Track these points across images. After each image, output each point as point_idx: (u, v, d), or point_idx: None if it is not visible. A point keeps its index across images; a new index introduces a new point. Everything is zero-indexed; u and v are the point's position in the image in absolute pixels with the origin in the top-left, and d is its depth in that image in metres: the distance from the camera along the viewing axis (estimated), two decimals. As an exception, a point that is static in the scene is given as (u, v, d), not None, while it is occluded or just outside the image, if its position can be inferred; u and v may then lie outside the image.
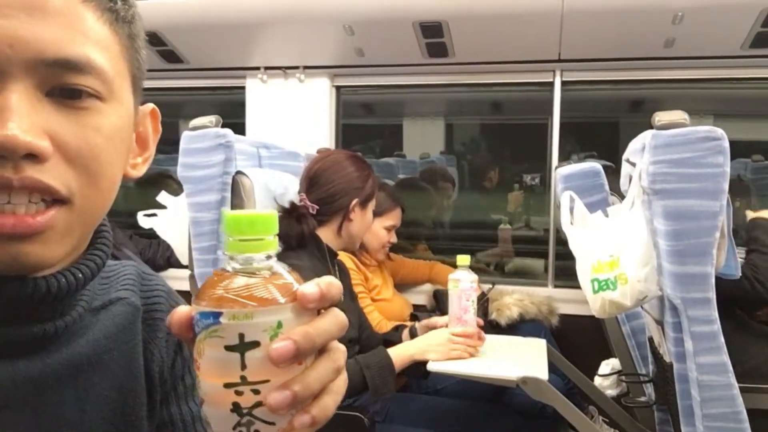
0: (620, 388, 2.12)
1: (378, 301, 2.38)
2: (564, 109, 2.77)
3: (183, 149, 1.84)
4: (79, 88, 0.48)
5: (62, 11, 0.47)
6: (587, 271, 1.64)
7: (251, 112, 2.99)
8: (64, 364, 0.53)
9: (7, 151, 0.43)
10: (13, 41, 0.44)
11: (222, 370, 0.40)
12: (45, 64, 0.46)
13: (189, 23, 2.58)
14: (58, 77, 0.47)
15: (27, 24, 0.45)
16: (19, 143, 0.43)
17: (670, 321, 1.54)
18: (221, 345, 0.40)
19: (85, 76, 0.48)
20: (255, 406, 0.40)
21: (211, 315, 0.40)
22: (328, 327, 0.43)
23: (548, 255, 2.83)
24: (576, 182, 2.05)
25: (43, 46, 0.45)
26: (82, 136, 0.48)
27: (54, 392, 0.52)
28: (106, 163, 0.51)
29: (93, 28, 0.49)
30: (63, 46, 0.46)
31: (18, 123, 0.44)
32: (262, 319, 0.40)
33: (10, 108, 0.44)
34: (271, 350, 0.39)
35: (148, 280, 0.68)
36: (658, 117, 1.50)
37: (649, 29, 2.39)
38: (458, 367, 1.72)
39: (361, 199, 1.90)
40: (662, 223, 1.48)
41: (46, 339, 0.52)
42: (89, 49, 0.48)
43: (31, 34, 0.45)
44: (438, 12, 2.40)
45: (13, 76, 0.45)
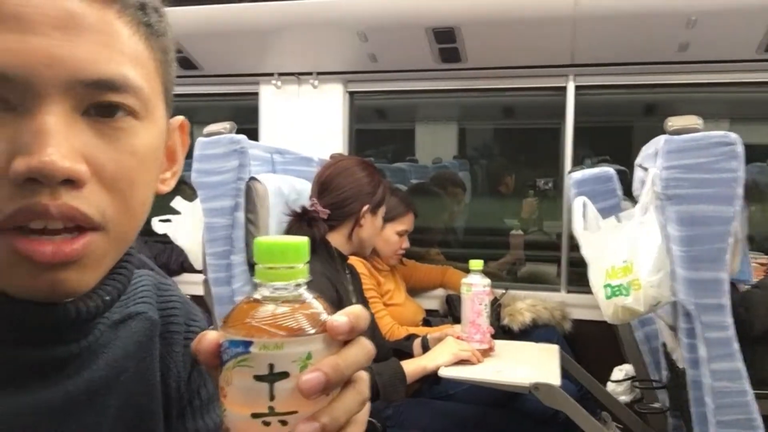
0: (633, 394, 2.11)
1: (390, 306, 2.38)
2: (577, 114, 2.77)
3: (197, 155, 1.86)
4: (116, 104, 0.47)
5: (98, 28, 0.45)
6: (600, 276, 1.64)
7: (265, 118, 3.01)
8: (83, 389, 0.52)
9: (45, 178, 0.42)
10: (50, 60, 0.43)
11: (250, 399, 0.39)
12: (82, 84, 0.44)
13: (204, 30, 2.60)
14: (95, 96, 0.45)
15: (63, 43, 0.43)
16: (58, 169, 0.42)
17: (683, 327, 1.53)
18: (250, 375, 0.39)
19: (122, 94, 0.47)
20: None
21: (241, 344, 0.40)
22: (356, 358, 0.42)
23: (561, 260, 2.82)
24: (589, 187, 2.04)
25: (80, 66, 0.44)
26: (117, 159, 0.47)
27: (73, 418, 0.52)
28: (140, 186, 0.50)
29: (128, 44, 0.48)
30: (100, 66, 0.45)
31: (56, 147, 0.42)
32: (292, 350, 0.40)
33: (47, 131, 0.42)
34: (302, 382, 0.39)
35: (164, 291, 0.66)
36: (671, 122, 1.49)
37: (662, 33, 2.38)
38: (470, 372, 1.73)
39: (372, 204, 1.91)
40: (675, 229, 1.48)
41: (69, 361, 0.52)
42: (126, 68, 0.47)
43: (69, 53, 0.43)
44: (450, 17, 2.41)
45: (50, 97, 0.43)
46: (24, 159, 0.42)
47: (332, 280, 1.81)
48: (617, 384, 2.13)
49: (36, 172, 0.41)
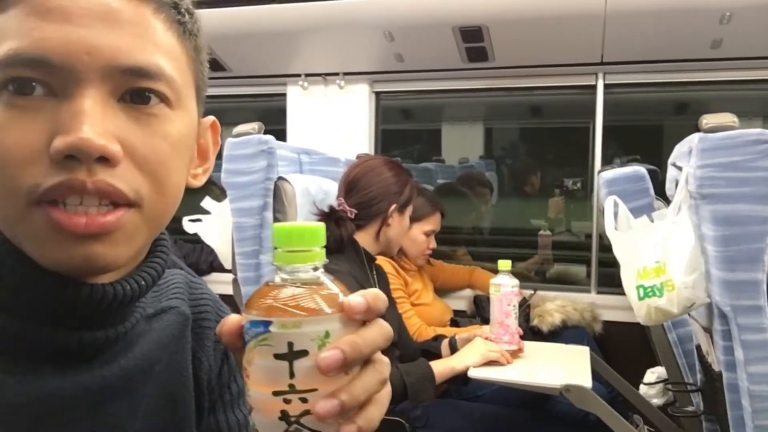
0: (666, 397, 2.08)
1: (418, 305, 2.38)
2: (606, 112, 2.73)
3: (227, 156, 1.87)
4: (149, 91, 0.49)
5: (135, 22, 0.49)
6: (632, 277, 1.61)
7: (292, 118, 3.03)
8: (120, 375, 0.54)
9: (82, 154, 0.45)
10: (90, 49, 0.46)
11: (271, 378, 0.41)
12: (119, 70, 0.48)
13: (232, 32, 2.62)
14: (131, 83, 0.48)
15: (103, 33, 0.47)
16: (94, 146, 0.45)
17: (719, 329, 1.50)
18: (270, 353, 0.41)
19: (155, 82, 0.50)
20: (303, 414, 0.41)
21: (261, 324, 0.41)
22: (374, 338, 0.43)
23: (591, 261, 2.78)
24: (620, 187, 2.01)
25: (117, 54, 0.47)
26: (150, 142, 0.50)
27: (110, 404, 0.53)
28: (172, 170, 0.52)
29: (163, 38, 0.51)
30: (136, 54, 0.48)
31: (92, 127, 0.45)
32: (310, 329, 0.41)
33: (84, 112, 0.45)
34: (320, 359, 0.40)
35: (196, 289, 0.69)
36: (706, 120, 1.46)
37: (695, 30, 2.34)
38: (499, 373, 1.71)
39: (399, 204, 1.91)
40: (710, 229, 1.45)
41: (107, 346, 0.53)
42: (159, 58, 0.50)
43: (107, 42, 0.47)
44: (478, 16, 2.39)
45: (89, 82, 0.46)
46: (62, 137, 0.45)
47: (359, 279, 1.81)
48: (649, 387, 2.09)
49: (74, 149, 0.44)
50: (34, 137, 0.45)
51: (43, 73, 0.46)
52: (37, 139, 0.45)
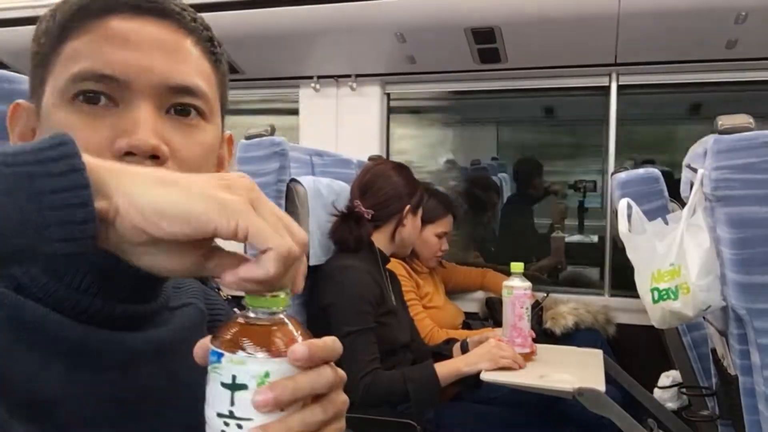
0: (681, 401, 2.06)
1: (430, 308, 2.37)
2: (620, 114, 2.71)
3: (239, 157, 1.88)
4: (190, 106, 0.61)
5: (181, 49, 0.61)
6: (647, 280, 1.59)
7: (304, 120, 3.04)
8: (152, 344, 0.62)
9: (139, 150, 0.55)
10: (146, 69, 0.58)
11: (216, 401, 0.46)
12: (168, 88, 0.59)
13: (244, 35, 2.63)
14: (176, 98, 0.60)
15: (156, 58, 0.58)
16: (148, 145, 0.55)
17: (734, 332, 1.48)
18: (219, 380, 0.46)
19: (195, 98, 0.61)
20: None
21: (216, 354, 0.47)
22: (310, 383, 0.47)
23: (604, 263, 2.76)
24: (633, 188, 1.99)
25: (168, 75, 0.59)
26: (189, 147, 0.60)
27: (142, 366, 0.60)
28: (204, 172, 0.61)
29: (200, 63, 0.63)
30: (183, 76, 0.60)
31: (146, 131, 0.56)
32: (252, 368, 0.45)
33: (141, 120, 0.57)
34: (254, 397, 0.45)
35: (210, 296, 0.78)
36: (721, 121, 1.45)
37: (709, 30, 2.32)
38: (512, 377, 1.70)
39: (412, 205, 1.99)
40: (726, 231, 1.43)
41: (139, 318, 0.61)
42: (198, 79, 0.61)
43: (160, 65, 0.59)
44: (490, 17, 2.39)
45: (144, 96, 0.58)
46: (124, 139, 0.56)
47: (375, 277, 1.87)
48: (664, 390, 2.07)
49: (133, 147, 0.55)
50: (99, 138, 0.56)
51: (108, 86, 0.57)
52: (102, 140, 0.56)
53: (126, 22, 0.58)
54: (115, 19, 0.58)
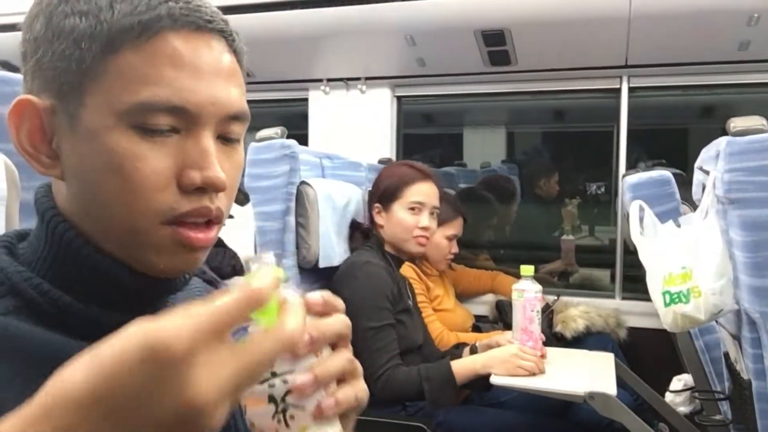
0: (693, 405, 2.04)
1: (440, 311, 2.37)
2: (631, 116, 2.70)
3: (250, 160, 1.88)
4: (236, 134, 0.61)
5: (233, 71, 0.60)
6: (658, 283, 1.58)
7: (314, 123, 3.04)
8: None
9: (214, 188, 0.57)
10: (215, 101, 0.57)
11: None
12: (229, 116, 0.59)
13: (254, 38, 2.62)
14: (228, 126, 0.59)
15: (221, 87, 0.57)
16: (222, 181, 0.57)
17: (748, 336, 1.47)
18: None
19: (243, 123, 0.61)
20: (286, 393, 0.48)
21: (241, 329, 0.47)
22: (334, 323, 0.51)
23: (615, 266, 2.75)
24: (645, 191, 1.98)
25: (230, 104, 0.58)
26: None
27: None
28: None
29: (241, 81, 0.62)
30: (238, 102, 0.59)
31: (216, 165, 0.56)
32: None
33: (211, 152, 0.57)
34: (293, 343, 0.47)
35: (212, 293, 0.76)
36: (734, 123, 1.44)
37: (721, 32, 2.30)
38: (523, 381, 1.70)
39: (381, 202, 2.03)
40: (739, 234, 1.42)
41: None
42: (244, 101, 0.61)
43: (224, 95, 0.58)
44: (500, 20, 2.38)
45: (209, 125, 0.57)
46: (197, 172, 0.56)
47: (392, 274, 1.92)
48: (676, 394, 2.06)
49: (208, 183, 0.56)
50: (164, 167, 0.55)
51: (178, 116, 0.55)
52: (166, 169, 0.55)
53: (189, 43, 0.56)
54: (176, 37, 0.55)
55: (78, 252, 0.57)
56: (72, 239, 0.57)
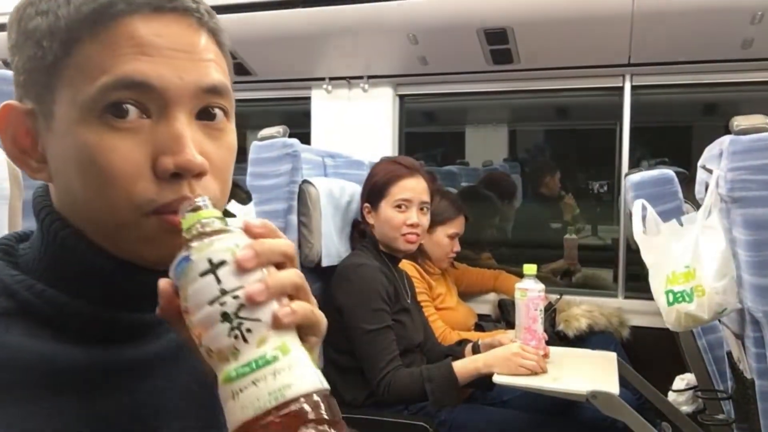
0: (696, 405, 2.03)
1: (442, 309, 2.37)
2: (634, 114, 2.69)
3: (252, 159, 1.88)
4: (217, 107, 0.58)
5: (205, 49, 0.57)
6: (661, 282, 1.58)
7: (316, 121, 3.04)
8: (157, 354, 0.60)
9: (188, 172, 0.54)
10: (182, 73, 0.55)
11: (203, 293, 0.47)
12: (201, 90, 0.56)
13: (257, 37, 2.64)
14: (207, 100, 0.57)
15: (187, 62, 0.55)
16: (197, 165, 0.54)
17: (751, 335, 1.46)
18: (196, 277, 0.47)
19: (224, 97, 0.59)
20: (239, 308, 0.46)
21: (182, 261, 0.48)
22: (277, 241, 0.51)
23: (618, 265, 2.74)
24: (647, 190, 1.98)
25: (199, 77, 0.56)
26: (220, 154, 0.58)
27: (148, 380, 0.59)
28: (230, 176, 0.61)
29: (218, 58, 0.59)
30: (211, 75, 0.57)
31: (192, 148, 0.54)
32: (221, 244, 0.48)
33: (183, 135, 0.54)
34: (237, 257, 0.47)
35: None
36: (737, 122, 1.43)
37: (725, 30, 2.30)
38: (525, 380, 1.69)
39: (370, 201, 2.01)
40: (742, 233, 1.42)
41: (149, 327, 0.60)
42: (222, 76, 0.59)
43: (191, 68, 0.55)
44: (503, 18, 2.38)
45: (179, 105, 0.55)
46: (170, 158, 0.53)
47: (387, 275, 1.89)
48: (679, 394, 2.05)
49: (182, 168, 0.53)
50: (137, 156, 0.53)
51: (142, 95, 0.53)
52: (139, 158, 0.53)
53: (148, 24, 0.54)
54: (136, 20, 0.54)
55: (73, 249, 0.57)
56: (66, 237, 0.57)
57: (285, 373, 0.46)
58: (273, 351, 0.47)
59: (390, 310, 1.83)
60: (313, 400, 0.46)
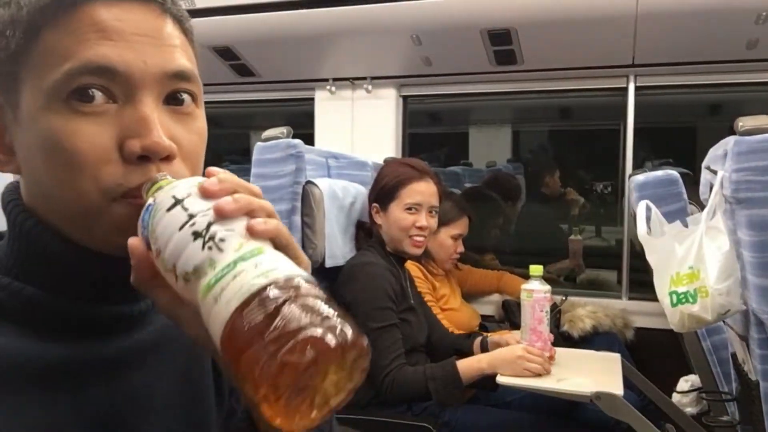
0: (700, 406, 2.03)
1: (446, 310, 2.37)
2: (638, 115, 2.69)
3: (256, 160, 1.88)
4: (185, 92, 0.58)
5: (168, 33, 0.58)
6: (665, 283, 1.58)
7: (320, 122, 3.04)
8: (134, 348, 0.60)
9: (154, 154, 0.54)
10: (146, 58, 0.55)
11: (172, 222, 0.47)
12: (168, 76, 0.56)
13: (260, 38, 2.65)
14: (174, 84, 0.57)
15: (152, 46, 0.56)
16: (164, 147, 0.54)
17: (755, 337, 1.46)
18: (164, 213, 0.47)
19: (191, 84, 0.59)
20: (210, 224, 0.46)
21: (147, 207, 0.49)
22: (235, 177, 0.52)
23: (622, 266, 2.74)
24: (651, 191, 1.97)
25: (163, 62, 0.56)
26: (190, 138, 0.59)
27: (125, 375, 0.59)
28: (202, 160, 0.61)
29: (184, 45, 0.60)
30: (177, 61, 0.57)
31: (158, 131, 0.54)
32: (183, 182, 0.50)
33: (149, 118, 0.54)
34: (202, 185, 0.48)
35: None
36: (742, 122, 1.43)
37: (729, 30, 2.29)
38: (529, 381, 1.69)
39: (379, 202, 2.02)
40: (747, 234, 1.41)
41: (130, 319, 0.60)
42: (189, 62, 0.59)
43: (155, 53, 0.56)
44: (506, 19, 2.38)
45: (145, 88, 0.55)
46: (136, 140, 0.53)
47: (394, 273, 1.91)
48: (683, 395, 2.05)
49: (148, 151, 0.53)
50: (103, 140, 0.53)
51: (107, 80, 0.53)
52: (106, 141, 0.53)
53: (110, 9, 0.54)
54: (98, 6, 0.54)
55: (38, 241, 0.56)
56: (31, 228, 0.56)
57: (267, 262, 0.45)
58: (252, 249, 0.46)
59: (396, 308, 1.84)
60: (303, 277, 0.45)
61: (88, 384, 0.55)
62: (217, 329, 0.43)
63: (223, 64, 2.87)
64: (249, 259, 0.45)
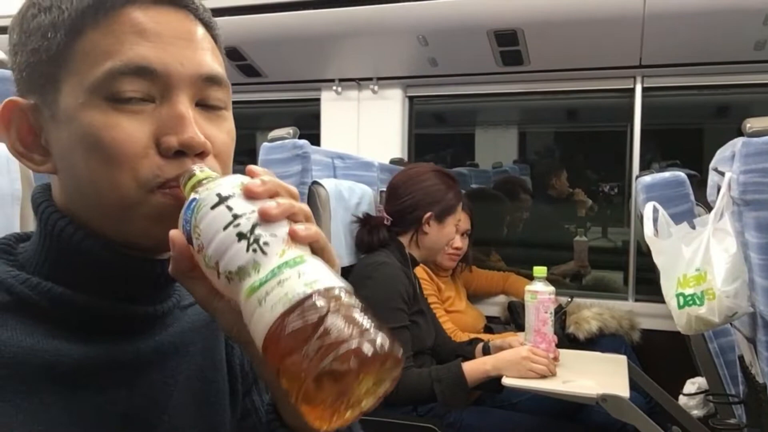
0: (707, 409, 2.02)
1: (451, 312, 2.36)
2: (645, 116, 2.68)
3: (262, 160, 1.89)
4: (218, 97, 0.61)
5: (204, 40, 0.61)
6: (672, 285, 1.57)
7: (326, 123, 3.05)
8: (154, 349, 0.61)
9: (190, 149, 0.56)
10: (183, 60, 0.57)
11: (217, 221, 0.48)
12: (201, 78, 0.59)
13: (267, 39, 2.65)
14: (205, 90, 0.60)
15: (188, 50, 0.58)
16: (199, 143, 0.56)
17: (763, 339, 1.45)
18: (207, 211, 0.49)
19: (222, 89, 0.61)
20: (254, 227, 0.48)
21: (190, 202, 0.50)
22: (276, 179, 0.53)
23: (628, 267, 2.73)
24: (658, 192, 1.96)
25: (199, 66, 0.59)
26: (221, 138, 0.61)
27: (145, 375, 0.60)
28: (231, 160, 0.64)
29: (215, 50, 0.62)
30: (212, 65, 0.60)
31: (193, 126, 0.56)
32: (227, 180, 0.51)
33: (186, 116, 0.56)
34: (246, 184, 0.50)
35: None
36: (750, 124, 1.42)
37: (737, 31, 2.28)
38: (535, 382, 1.69)
39: (436, 212, 1.96)
40: (754, 236, 1.40)
41: (153, 320, 0.62)
42: (219, 67, 0.62)
43: (191, 56, 0.58)
44: (513, 20, 2.37)
45: (181, 89, 0.57)
46: (173, 136, 0.56)
47: (407, 275, 1.90)
48: (689, 398, 2.04)
49: (185, 145, 0.56)
50: (141, 135, 0.55)
51: (146, 80, 0.55)
52: (144, 136, 0.55)
53: (146, 14, 0.57)
54: (134, 10, 0.56)
55: (70, 239, 0.57)
56: (64, 227, 0.58)
57: (310, 272, 0.47)
58: (295, 257, 0.48)
59: (408, 310, 1.84)
60: (344, 289, 0.48)
61: (112, 384, 0.57)
62: (261, 330, 0.46)
63: (230, 65, 2.88)
64: (293, 266, 0.47)
